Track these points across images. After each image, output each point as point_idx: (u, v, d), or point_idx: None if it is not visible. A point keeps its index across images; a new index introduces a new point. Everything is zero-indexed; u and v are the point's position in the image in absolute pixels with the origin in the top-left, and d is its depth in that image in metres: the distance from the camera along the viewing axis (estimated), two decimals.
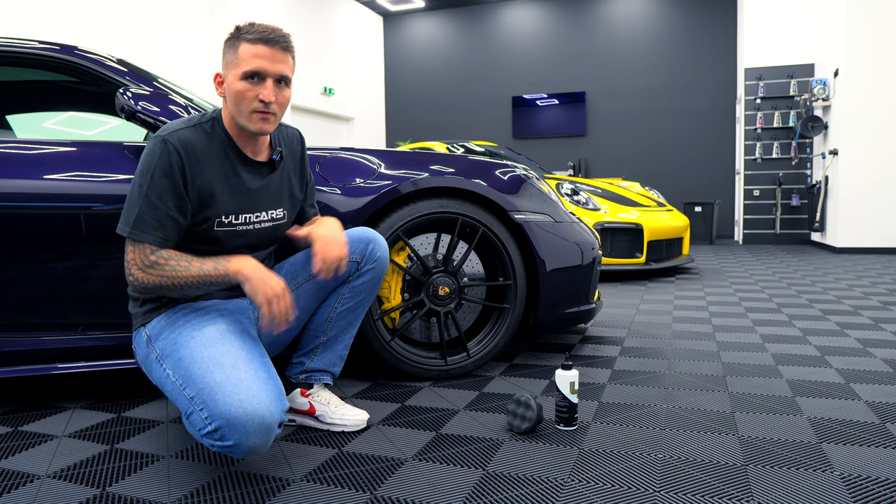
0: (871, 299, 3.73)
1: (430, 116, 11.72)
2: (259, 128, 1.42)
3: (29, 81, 2.22)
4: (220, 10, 8.49)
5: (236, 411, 1.20)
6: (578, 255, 2.29)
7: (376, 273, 1.64)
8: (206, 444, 1.25)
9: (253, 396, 1.22)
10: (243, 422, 1.20)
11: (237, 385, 1.23)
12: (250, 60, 1.38)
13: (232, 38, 1.42)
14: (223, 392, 1.22)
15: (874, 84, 6.95)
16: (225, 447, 1.22)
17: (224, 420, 1.20)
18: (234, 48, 1.41)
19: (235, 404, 1.20)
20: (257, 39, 1.38)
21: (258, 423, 1.21)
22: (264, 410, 1.22)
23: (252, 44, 1.38)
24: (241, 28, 1.42)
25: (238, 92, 1.39)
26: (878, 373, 2.13)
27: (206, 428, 1.23)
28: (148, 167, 1.37)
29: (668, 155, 10.28)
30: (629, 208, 5.04)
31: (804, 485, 1.28)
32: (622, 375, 2.14)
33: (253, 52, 1.38)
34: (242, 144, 1.48)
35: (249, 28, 1.40)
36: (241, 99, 1.39)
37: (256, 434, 1.21)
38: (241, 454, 1.23)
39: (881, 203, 6.99)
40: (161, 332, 1.42)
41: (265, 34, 1.39)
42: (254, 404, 1.21)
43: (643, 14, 10.36)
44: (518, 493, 1.27)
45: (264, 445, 1.24)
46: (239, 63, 1.39)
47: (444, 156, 2.19)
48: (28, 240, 1.74)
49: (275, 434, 1.25)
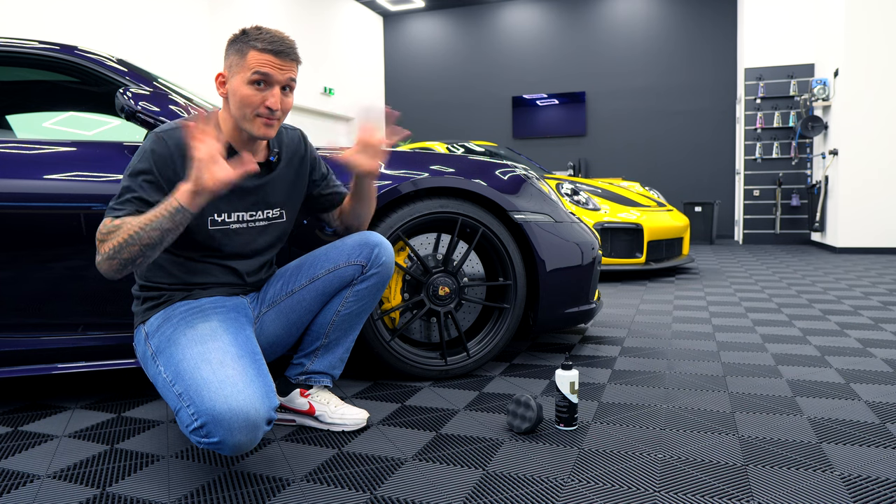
0: (871, 299, 3.73)
1: (430, 116, 11.72)
2: (263, 133, 1.43)
3: (29, 81, 2.22)
4: (221, 10, 8.49)
5: (221, 407, 1.19)
6: (578, 255, 2.29)
7: (381, 277, 1.63)
8: (193, 441, 1.25)
9: (238, 393, 1.22)
10: (228, 418, 1.19)
11: (223, 381, 1.23)
12: (258, 68, 1.39)
13: (239, 41, 1.42)
14: (209, 388, 1.22)
15: (874, 84, 6.95)
16: (211, 444, 1.21)
17: (209, 416, 1.20)
18: (241, 53, 1.41)
19: (220, 401, 1.20)
20: (267, 49, 1.39)
21: (243, 419, 1.20)
22: (249, 407, 1.21)
23: (261, 52, 1.39)
24: (248, 32, 1.42)
25: (244, 97, 1.40)
26: (878, 373, 2.13)
27: (192, 424, 1.23)
28: (138, 157, 1.39)
29: (668, 155, 10.28)
30: (629, 208, 5.04)
31: (804, 485, 1.28)
32: (622, 375, 2.14)
33: (262, 59, 1.39)
34: (239, 145, 1.49)
35: (258, 34, 1.41)
36: (247, 104, 1.40)
37: (241, 431, 1.20)
38: (227, 451, 1.22)
39: (881, 203, 6.98)
40: (158, 328, 1.42)
41: (275, 44, 1.40)
42: (239, 401, 1.21)
43: (643, 14, 10.36)
44: (518, 493, 1.27)
45: (251, 443, 1.23)
46: (246, 68, 1.39)
47: (444, 156, 2.19)
48: (28, 240, 1.74)
49: (263, 431, 1.24)
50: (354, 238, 1.64)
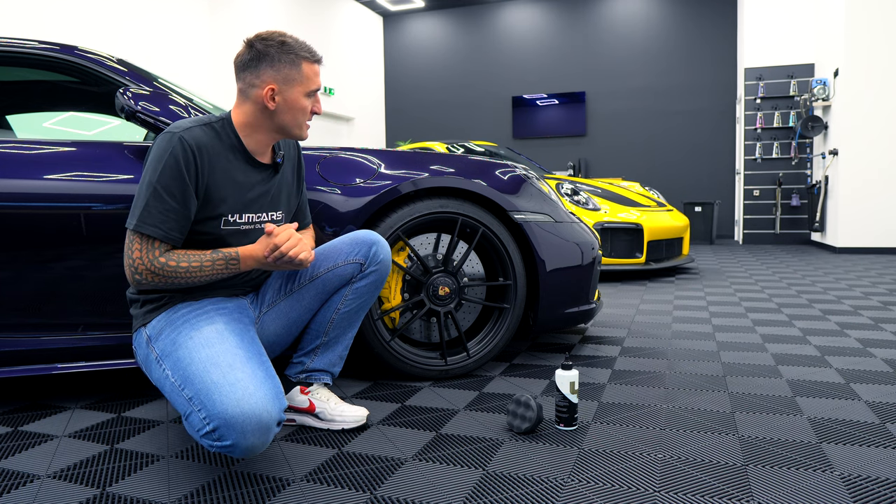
0: (871, 299, 3.73)
1: (430, 116, 11.72)
2: (306, 135, 1.54)
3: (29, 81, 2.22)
4: (221, 10, 8.49)
5: (233, 411, 1.20)
6: (578, 255, 2.29)
7: (379, 275, 1.65)
8: (204, 445, 1.25)
9: (250, 396, 1.22)
10: (240, 421, 1.20)
11: (234, 385, 1.23)
12: (315, 80, 1.50)
13: (287, 52, 1.46)
14: (220, 392, 1.22)
15: (874, 84, 6.95)
16: (223, 447, 1.22)
17: (221, 420, 1.20)
18: (294, 65, 1.46)
19: (232, 404, 1.20)
20: (315, 60, 1.50)
21: (255, 422, 1.21)
22: (261, 410, 1.22)
23: (311, 63, 1.49)
24: (288, 43, 1.47)
25: (303, 108, 1.50)
26: (878, 373, 2.13)
27: (204, 428, 1.23)
28: (157, 161, 1.37)
29: (668, 155, 10.28)
30: (629, 208, 5.04)
31: (804, 485, 1.28)
32: (622, 375, 2.14)
33: (315, 70, 1.50)
34: (251, 148, 1.50)
35: (303, 46, 1.49)
36: (304, 112, 1.50)
37: (254, 433, 1.21)
38: (239, 454, 1.23)
39: (881, 203, 6.98)
40: (161, 332, 1.42)
41: (315, 54, 1.51)
42: (251, 403, 1.21)
43: (643, 14, 10.36)
44: (518, 493, 1.27)
45: (263, 444, 1.24)
46: (305, 82, 1.49)
47: (444, 156, 2.19)
48: (28, 240, 1.74)
49: (273, 433, 1.25)
50: (351, 237, 1.65)
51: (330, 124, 10.59)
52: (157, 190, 1.36)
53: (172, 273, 1.38)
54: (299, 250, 1.40)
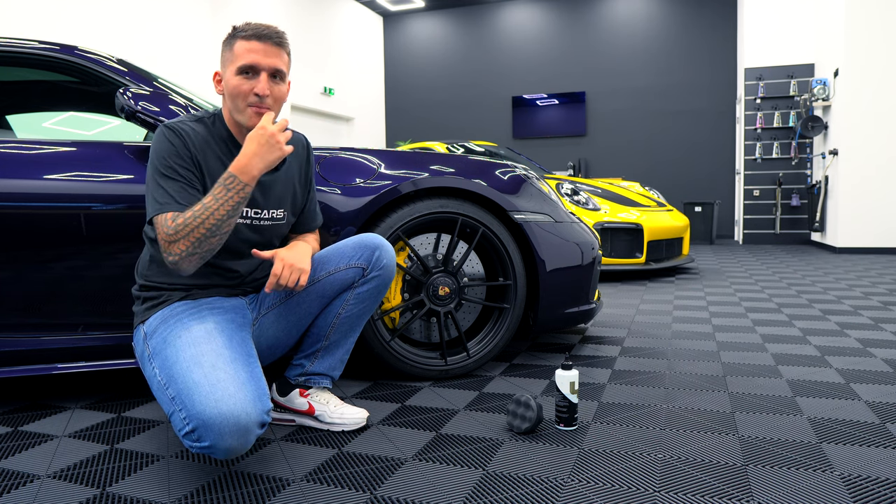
0: (871, 299, 3.73)
1: (430, 116, 11.72)
2: (255, 123, 1.44)
3: (29, 81, 2.22)
4: (222, 10, 8.49)
5: (211, 412, 1.19)
6: (578, 255, 2.29)
7: (382, 280, 1.62)
8: (186, 445, 1.25)
9: (229, 397, 1.20)
10: (218, 422, 1.18)
11: (214, 385, 1.22)
12: (244, 55, 1.43)
13: (228, 37, 1.47)
14: (200, 392, 1.21)
15: (874, 84, 6.95)
16: (203, 448, 1.21)
17: (199, 421, 1.19)
18: (229, 46, 1.46)
19: (210, 405, 1.19)
20: (251, 36, 1.44)
21: (233, 423, 1.19)
22: (240, 411, 1.20)
23: (246, 40, 1.44)
24: (236, 27, 1.47)
25: (234, 87, 1.44)
26: (878, 373, 2.13)
27: (184, 428, 1.22)
28: (154, 152, 1.42)
29: (668, 155, 10.28)
30: (629, 208, 5.04)
31: (804, 485, 1.28)
32: (622, 375, 2.14)
33: (247, 47, 1.43)
34: (242, 141, 1.50)
35: (245, 27, 1.46)
36: (237, 94, 1.44)
37: (232, 435, 1.19)
38: (220, 455, 1.22)
39: (881, 203, 6.98)
40: (156, 329, 1.42)
41: (258, 30, 1.44)
42: (229, 405, 1.19)
43: (643, 14, 10.36)
44: (518, 493, 1.27)
45: (242, 447, 1.22)
46: (234, 59, 1.44)
47: (444, 156, 2.19)
48: (28, 240, 1.74)
49: (255, 435, 1.23)
50: (355, 240, 1.63)
51: (330, 124, 10.59)
52: (164, 175, 1.39)
53: (185, 229, 1.32)
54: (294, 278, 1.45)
